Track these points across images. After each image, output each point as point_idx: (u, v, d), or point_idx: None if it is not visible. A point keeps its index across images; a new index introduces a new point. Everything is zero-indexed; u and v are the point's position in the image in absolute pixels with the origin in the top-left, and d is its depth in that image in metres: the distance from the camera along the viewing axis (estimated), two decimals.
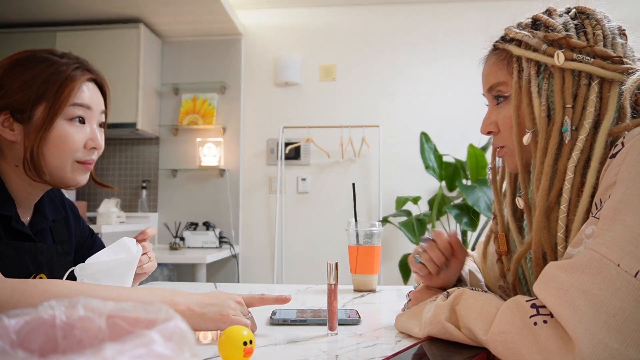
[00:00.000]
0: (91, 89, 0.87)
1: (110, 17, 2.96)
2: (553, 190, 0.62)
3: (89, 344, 0.35)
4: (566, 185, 0.60)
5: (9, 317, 0.33)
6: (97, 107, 0.88)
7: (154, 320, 0.34)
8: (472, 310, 0.60)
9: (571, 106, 0.62)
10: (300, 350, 0.66)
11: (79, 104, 0.83)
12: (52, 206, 0.96)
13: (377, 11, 3.22)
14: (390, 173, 3.12)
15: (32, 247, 0.84)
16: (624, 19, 0.67)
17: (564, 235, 0.61)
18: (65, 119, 0.82)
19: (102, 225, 2.67)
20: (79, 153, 0.84)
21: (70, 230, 0.99)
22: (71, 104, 0.82)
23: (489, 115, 0.74)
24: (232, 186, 3.19)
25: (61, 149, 0.82)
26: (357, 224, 1.18)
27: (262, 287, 1.18)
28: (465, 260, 0.84)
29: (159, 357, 0.28)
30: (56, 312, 0.35)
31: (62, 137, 0.81)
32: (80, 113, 0.84)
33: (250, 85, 3.27)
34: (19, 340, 0.33)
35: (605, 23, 0.65)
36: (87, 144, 0.85)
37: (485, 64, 0.75)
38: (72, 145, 0.82)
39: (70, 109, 0.82)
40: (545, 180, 0.62)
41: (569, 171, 0.60)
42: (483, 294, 0.63)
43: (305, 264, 3.14)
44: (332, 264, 0.74)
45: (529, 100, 0.65)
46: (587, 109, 0.61)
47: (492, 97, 0.73)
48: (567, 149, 0.61)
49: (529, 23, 0.70)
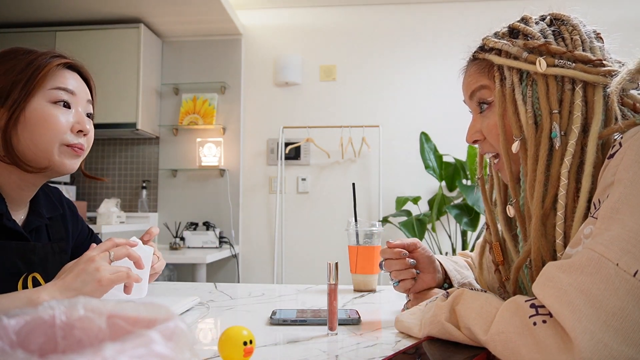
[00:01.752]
0: (75, 77, 0.88)
1: (110, 17, 2.97)
2: (548, 197, 0.62)
3: (89, 344, 0.35)
4: (561, 192, 0.61)
5: (9, 317, 0.33)
6: (83, 94, 0.88)
7: (154, 320, 0.34)
8: (472, 311, 0.60)
9: (558, 112, 0.62)
10: (300, 350, 0.66)
11: (62, 88, 0.84)
12: (49, 203, 0.96)
13: (377, 11, 3.22)
14: (390, 173, 3.12)
15: (23, 246, 0.83)
16: (623, 18, 0.67)
17: (562, 242, 0.61)
18: (49, 101, 0.82)
19: (102, 225, 2.67)
20: (66, 135, 0.84)
21: (67, 228, 0.98)
22: (54, 87, 0.83)
23: (474, 123, 0.74)
24: (232, 186, 3.19)
25: (47, 130, 0.81)
26: (357, 224, 1.17)
27: (262, 287, 1.18)
28: (428, 254, 0.89)
29: (159, 356, 0.28)
30: (56, 312, 0.35)
31: (46, 118, 0.81)
32: (65, 97, 0.84)
33: (250, 85, 3.27)
34: (19, 340, 0.33)
35: (581, 28, 0.66)
36: (74, 127, 0.85)
37: (465, 74, 0.76)
38: (57, 127, 0.82)
39: (53, 92, 0.83)
40: (539, 187, 0.62)
41: (562, 177, 0.61)
42: (482, 294, 0.63)
43: (305, 264, 3.14)
44: (332, 264, 0.74)
45: (515, 108, 0.66)
46: (574, 113, 0.61)
47: (476, 104, 0.73)
48: (558, 154, 0.62)
49: (506, 32, 0.71)
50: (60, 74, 0.85)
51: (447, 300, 0.66)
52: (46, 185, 0.99)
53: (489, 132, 0.71)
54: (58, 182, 3.02)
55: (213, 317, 0.88)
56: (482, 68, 0.72)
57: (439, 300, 0.67)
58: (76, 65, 0.90)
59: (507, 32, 0.71)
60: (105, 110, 2.92)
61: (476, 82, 0.72)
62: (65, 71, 0.87)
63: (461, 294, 0.65)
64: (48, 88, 0.83)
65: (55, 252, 0.91)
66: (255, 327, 0.78)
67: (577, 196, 0.60)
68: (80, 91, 0.88)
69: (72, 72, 0.88)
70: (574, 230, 0.59)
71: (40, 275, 0.85)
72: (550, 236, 0.62)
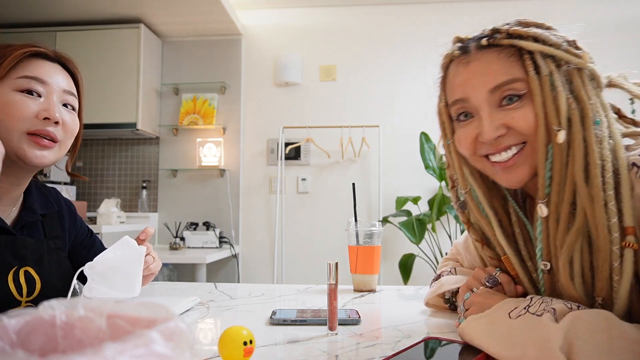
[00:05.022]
0: (51, 68, 0.86)
1: (110, 17, 2.97)
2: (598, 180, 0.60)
3: (89, 344, 0.35)
4: (608, 172, 0.60)
5: (9, 317, 0.33)
6: (56, 83, 0.86)
7: (154, 320, 0.34)
8: (595, 348, 0.50)
9: (592, 103, 0.63)
10: (300, 350, 0.66)
11: (30, 76, 0.82)
12: (43, 200, 0.96)
13: (377, 11, 3.23)
14: (390, 173, 3.12)
15: (12, 240, 0.83)
16: (620, 19, 0.69)
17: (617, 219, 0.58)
18: (14, 90, 0.81)
19: (102, 225, 2.67)
20: (28, 122, 0.81)
21: (63, 227, 0.98)
22: (21, 75, 0.82)
23: (492, 117, 0.66)
24: (232, 186, 3.20)
25: (6, 116, 0.80)
26: (357, 224, 1.17)
27: (262, 287, 1.18)
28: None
29: (159, 357, 0.28)
30: (56, 312, 0.35)
31: (6, 105, 0.80)
32: (33, 86, 0.82)
33: (250, 85, 3.27)
34: (19, 340, 0.33)
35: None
36: (39, 114, 0.82)
37: (473, 63, 0.69)
38: (17, 114, 0.80)
39: (19, 80, 0.81)
40: (597, 171, 0.60)
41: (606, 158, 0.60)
42: (602, 319, 0.53)
43: (305, 264, 3.14)
44: (332, 264, 0.74)
45: (554, 97, 0.63)
46: (597, 106, 0.64)
47: (498, 97, 0.66)
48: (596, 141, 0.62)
49: (529, 23, 0.69)
50: (32, 64, 0.84)
51: (559, 324, 0.54)
52: (43, 185, 0.99)
53: (522, 124, 0.65)
54: (58, 182, 3.03)
55: (213, 317, 0.88)
56: (509, 55, 0.66)
57: (547, 319, 0.56)
58: (59, 57, 0.89)
59: (530, 23, 0.69)
60: (105, 110, 2.93)
61: (507, 74, 0.66)
62: (38, 61, 0.85)
63: (577, 320, 0.53)
64: (14, 77, 0.81)
65: (52, 249, 0.91)
66: (255, 327, 0.78)
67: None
68: (53, 80, 0.85)
69: (51, 63, 0.87)
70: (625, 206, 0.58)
71: (34, 271, 0.85)
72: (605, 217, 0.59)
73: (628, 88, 0.70)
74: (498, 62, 0.66)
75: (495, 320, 0.62)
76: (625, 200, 0.58)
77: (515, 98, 0.65)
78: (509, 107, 0.66)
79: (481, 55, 0.69)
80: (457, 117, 0.73)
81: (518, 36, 0.66)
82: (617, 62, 0.68)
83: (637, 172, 0.59)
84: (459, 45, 0.74)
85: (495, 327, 0.61)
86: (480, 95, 0.67)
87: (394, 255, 2.97)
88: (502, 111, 0.66)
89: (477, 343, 0.61)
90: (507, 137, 0.67)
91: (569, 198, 0.62)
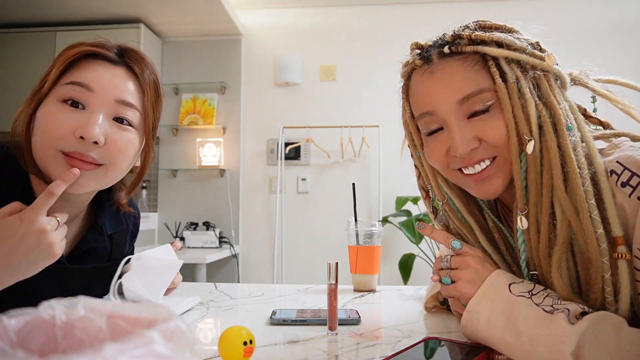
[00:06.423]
0: (100, 69, 0.70)
1: (110, 17, 2.97)
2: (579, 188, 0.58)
3: (89, 344, 0.35)
4: (586, 180, 0.57)
5: (9, 317, 0.33)
6: (108, 92, 0.69)
7: (154, 320, 0.34)
8: (604, 352, 0.50)
9: (561, 107, 0.62)
10: (300, 350, 0.66)
11: (75, 82, 0.67)
12: (115, 217, 0.85)
13: (377, 11, 3.23)
14: (390, 173, 3.12)
15: (61, 270, 0.72)
16: (617, 19, 0.69)
17: (604, 230, 0.56)
18: (58, 100, 0.67)
19: None
20: (63, 141, 0.66)
21: (125, 245, 0.92)
22: (67, 82, 0.67)
23: (463, 131, 0.64)
24: (232, 186, 3.20)
25: (43, 134, 0.67)
26: (357, 224, 1.17)
27: (262, 287, 1.18)
28: None
29: (159, 357, 0.28)
30: (56, 312, 0.35)
31: (44, 119, 0.67)
32: (76, 95, 0.67)
33: (250, 85, 3.27)
34: (19, 340, 0.33)
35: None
36: (76, 131, 0.66)
37: (437, 73, 0.66)
38: (53, 130, 0.66)
39: (64, 87, 0.67)
40: (577, 178, 0.57)
41: (582, 165, 0.58)
42: (611, 323, 0.52)
43: (305, 264, 3.14)
44: (332, 264, 0.74)
45: (523, 104, 0.61)
46: (566, 109, 0.63)
47: (466, 110, 0.64)
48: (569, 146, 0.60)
49: (491, 25, 0.68)
50: (84, 66, 0.69)
51: (575, 328, 0.52)
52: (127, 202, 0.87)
53: (493, 135, 0.63)
54: None
55: (213, 317, 0.88)
56: (474, 63, 0.64)
57: (561, 319, 0.53)
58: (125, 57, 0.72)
59: (491, 26, 0.68)
60: None
61: (472, 84, 0.63)
62: (93, 62, 0.69)
63: (592, 325, 0.52)
64: (62, 83, 0.68)
65: (107, 276, 0.81)
66: (255, 327, 0.77)
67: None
68: (103, 88, 0.68)
69: (109, 65, 0.70)
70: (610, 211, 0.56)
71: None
72: (590, 226, 0.57)
73: (592, 86, 0.69)
74: (463, 72, 0.64)
75: (495, 299, 0.60)
76: (610, 209, 0.56)
77: (484, 109, 0.64)
78: (479, 118, 0.64)
79: (445, 64, 0.67)
80: (427, 130, 0.71)
81: (481, 41, 0.65)
82: (603, 65, 0.68)
83: (617, 179, 0.57)
84: (419, 54, 0.71)
85: (499, 303, 0.59)
86: (448, 107, 0.65)
87: (393, 255, 2.97)
88: (472, 123, 0.65)
89: (483, 337, 0.59)
90: (480, 150, 0.65)
91: (547, 209, 0.60)
